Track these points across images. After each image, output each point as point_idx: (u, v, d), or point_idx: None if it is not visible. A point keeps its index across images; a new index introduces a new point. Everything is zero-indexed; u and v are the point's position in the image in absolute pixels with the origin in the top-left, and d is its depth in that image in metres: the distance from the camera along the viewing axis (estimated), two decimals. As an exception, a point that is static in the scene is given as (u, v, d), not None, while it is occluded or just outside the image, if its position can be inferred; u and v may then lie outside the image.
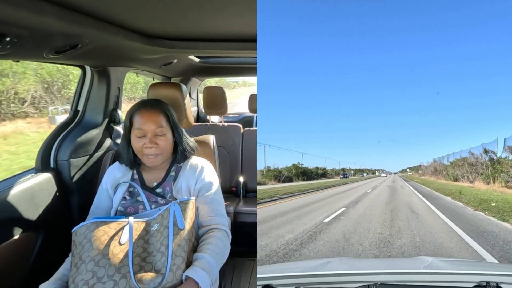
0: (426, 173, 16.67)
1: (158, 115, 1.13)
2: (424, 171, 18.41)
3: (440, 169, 12.85)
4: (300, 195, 6.10)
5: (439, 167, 13.45)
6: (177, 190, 1.15)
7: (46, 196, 1.36)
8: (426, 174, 16.45)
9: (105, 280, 0.88)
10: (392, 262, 1.24)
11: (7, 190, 1.19)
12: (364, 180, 17.48)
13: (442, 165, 13.05)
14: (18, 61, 1.20)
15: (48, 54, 1.11)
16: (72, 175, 1.49)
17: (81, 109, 1.64)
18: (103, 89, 1.66)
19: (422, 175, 18.26)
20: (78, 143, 1.52)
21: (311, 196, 5.90)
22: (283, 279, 0.72)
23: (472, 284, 0.64)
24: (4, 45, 0.88)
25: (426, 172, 16.88)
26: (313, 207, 4.06)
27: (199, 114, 3.37)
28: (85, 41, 1.12)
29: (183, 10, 1.05)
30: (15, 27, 0.83)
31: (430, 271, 0.72)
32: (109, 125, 1.73)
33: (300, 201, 4.84)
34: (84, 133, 1.58)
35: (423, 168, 20.20)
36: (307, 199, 5.24)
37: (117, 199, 1.15)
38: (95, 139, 1.63)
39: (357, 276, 0.70)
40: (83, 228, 0.97)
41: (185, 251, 0.96)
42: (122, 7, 0.98)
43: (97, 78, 1.63)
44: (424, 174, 17.61)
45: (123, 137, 1.18)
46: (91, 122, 1.65)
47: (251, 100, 2.92)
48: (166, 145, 1.14)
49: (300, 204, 4.35)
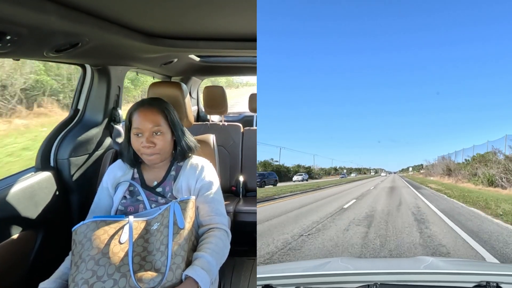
0: (433, 173, 13.69)
1: (155, 114, 1.12)
2: (431, 171, 15.03)
3: (455, 168, 9.73)
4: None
5: (452, 166, 10.38)
6: (177, 190, 1.15)
7: (46, 194, 1.36)
8: (434, 175, 13.37)
9: (105, 279, 0.88)
10: (392, 262, 1.24)
11: (7, 189, 1.19)
12: (344, 184, 10.94)
13: (455, 164, 10.20)
14: (18, 60, 1.20)
15: (48, 53, 1.10)
16: (72, 174, 1.49)
17: (81, 108, 1.64)
18: (104, 88, 1.66)
19: (428, 175, 14.97)
20: (78, 142, 1.52)
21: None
22: (283, 279, 0.72)
23: (472, 284, 0.65)
24: (4, 44, 0.88)
25: (433, 172, 13.86)
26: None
27: (199, 114, 3.37)
28: (85, 39, 1.12)
29: (183, 9, 1.05)
30: (15, 26, 0.82)
31: (430, 271, 0.72)
32: (109, 124, 1.73)
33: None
34: (84, 132, 1.58)
35: (429, 167, 16.62)
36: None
37: (117, 198, 1.15)
38: (95, 138, 1.63)
39: (357, 276, 0.70)
40: (83, 227, 0.97)
41: (185, 250, 0.96)
42: (123, 6, 0.98)
43: (98, 77, 1.63)
44: (431, 174, 14.38)
45: (124, 135, 1.18)
46: (91, 121, 1.64)
47: (251, 99, 2.92)
48: (164, 144, 1.13)
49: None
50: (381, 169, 39.94)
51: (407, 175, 24.82)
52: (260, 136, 14.45)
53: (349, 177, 22.50)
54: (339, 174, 23.65)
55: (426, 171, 16.98)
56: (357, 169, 33.31)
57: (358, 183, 11.94)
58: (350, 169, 30.90)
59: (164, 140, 1.13)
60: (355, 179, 17.83)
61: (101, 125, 1.67)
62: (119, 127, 1.75)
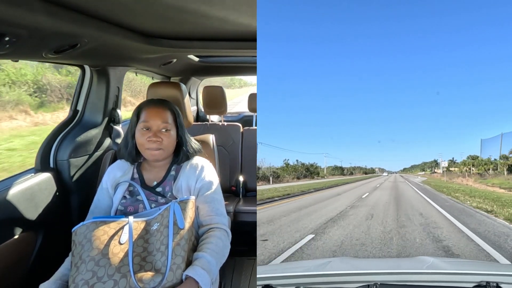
0: (464, 176, 9.08)
1: (165, 111, 1.17)
2: (461, 172, 9.92)
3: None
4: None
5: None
6: (177, 189, 1.16)
7: (45, 195, 1.36)
8: (465, 177, 8.93)
9: (105, 280, 0.88)
10: (392, 262, 1.24)
11: (6, 190, 1.19)
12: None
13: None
14: (17, 61, 1.20)
15: (47, 54, 1.10)
16: (72, 175, 1.49)
17: (80, 109, 1.63)
18: (103, 89, 1.66)
19: (453, 177, 10.09)
20: (78, 143, 1.52)
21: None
22: (283, 279, 0.72)
23: (472, 284, 0.65)
24: (3, 45, 0.87)
25: (464, 174, 9.13)
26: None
27: (199, 114, 3.37)
28: (84, 40, 1.11)
29: (182, 9, 1.05)
30: (14, 27, 0.82)
31: (430, 271, 0.72)
32: (108, 124, 1.73)
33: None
34: (84, 132, 1.58)
35: (448, 165, 11.48)
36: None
37: (117, 198, 1.15)
38: (95, 139, 1.63)
39: (357, 276, 0.70)
40: (83, 227, 0.97)
41: (185, 251, 0.96)
42: (121, 7, 0.98)
43: (97, 77, 1.63)
44: (462, 176, 9.48)
45: (128, 131, 1.20)
46: (91, 122, 1.64)
47: (251, 99, 2.92)
48: (169, 142, 1.16)
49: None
50: (382, 169, 39.74)
51: (426, 180, 13.43)
52: (260, 136, 14.46)
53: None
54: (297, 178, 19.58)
55: (445, 172, 11.84)
56: (358, 167, 33.47)
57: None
58: (353, 168, 31.00)
59: (170, 137, 1.16)
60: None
61: (100, 126, 1.67)
62: (118, 127, 1.74)
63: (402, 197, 5.68)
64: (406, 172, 38.50)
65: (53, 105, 8.61)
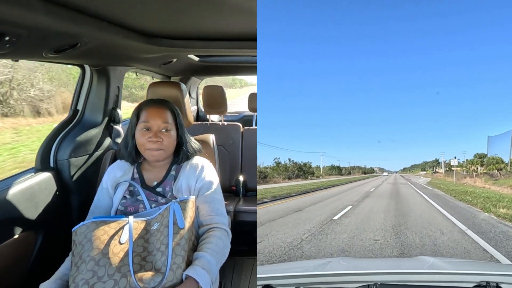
0: (472, 176, 8.41)
1: (165, 112, 1.16)
2: (468, 171, 9.34)
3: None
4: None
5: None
6: (177, 189, 1.15)
7: (46, 195, 1.36)
8: (472, 177, 8.14)
9: (105, 280, 0.88)
10: (392, 262, 1.24)
11: (6, 190, 1.19)
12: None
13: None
14: (17, 60, 1.20)
15: (47, 54, 1.10)
16: (72, 175, 1.49)
17: (80, 108, 1.63)
18: (103, 88, 1.65)
19: (459, 178, 9.22)
20: (78, 143, 1.52)
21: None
22: (283, 279, 0.72)
23: (472, 284, 0.65)
24: (3, 45, 0.87)
25: (471, 174, 8.60)
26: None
27: (199, 113, 3.37)
28: (84, 40, 1.11)
29: (182, 9, 1.05)
30: (14, 27, 0.82)
31: (430, 271, 0.72)
32: (108, 124, 1.73)
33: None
34: (84, 132, 1.57)
35: (452, 165, 10.62)
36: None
37: (117, 198, 1.15)
38: (95, 139, 1.63)
39: (357, 276, 0.70)
40: (83, 227, 0.97)
41: (185, 250, 0.96)
42: (122, 6, 0.98)
43: (97, 77, 1.63)
44: (469, 176, 8.75)
45: (128, 131, 1.19)
46: (91, 122, 1.64)
47: (251, 99, 2.92)
48: (170, 142, 1.16)
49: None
50: (381, 169, 39.71)
51: (432, 181, 12.53)
52: (260, 136, 14.37)
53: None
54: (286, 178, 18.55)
55: (446, 173, 10.59)
56: (357, 167, 33.43)
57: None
58: (352, 168, 30.99)
59: (170, 138, 1.16)
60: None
61: (100, 125, 1.67)
62: (118, 127, 1.74)
63: (409, 216, 3.03)
64: (406, 172, 38.15)
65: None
